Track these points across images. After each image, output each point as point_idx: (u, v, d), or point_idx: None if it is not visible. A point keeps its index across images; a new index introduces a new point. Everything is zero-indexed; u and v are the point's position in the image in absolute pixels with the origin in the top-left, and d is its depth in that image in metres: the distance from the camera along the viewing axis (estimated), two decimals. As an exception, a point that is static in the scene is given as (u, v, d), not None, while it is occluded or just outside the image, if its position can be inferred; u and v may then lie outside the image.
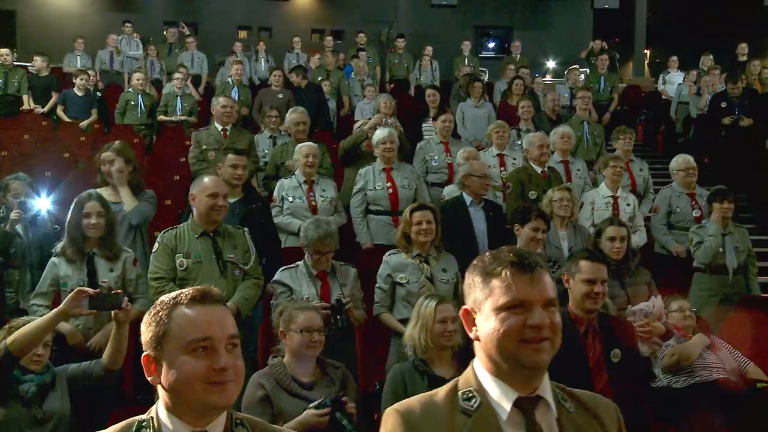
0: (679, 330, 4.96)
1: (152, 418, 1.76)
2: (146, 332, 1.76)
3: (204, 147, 7.20)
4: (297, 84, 10.68)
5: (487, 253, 1.76)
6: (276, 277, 4.83)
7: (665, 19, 19.30)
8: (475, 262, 1.77)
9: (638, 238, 6.50)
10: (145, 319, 1.78)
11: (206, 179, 4.76)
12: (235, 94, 10.62)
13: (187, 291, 1.76)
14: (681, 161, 7.14)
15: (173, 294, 1.78)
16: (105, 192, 5.40)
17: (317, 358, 3.86)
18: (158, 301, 1.78)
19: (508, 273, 1.67)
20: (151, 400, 4.38)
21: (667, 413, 4.42)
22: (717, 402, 4.49)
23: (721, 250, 6.11)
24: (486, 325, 1.68)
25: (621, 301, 5.03)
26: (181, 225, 4.81)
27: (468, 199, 6.03)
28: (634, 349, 3.85)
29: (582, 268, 3.72)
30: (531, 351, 1.64)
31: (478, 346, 1.73)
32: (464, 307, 1.76)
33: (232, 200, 5.49)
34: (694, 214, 6.85)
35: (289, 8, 20.03)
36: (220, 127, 7.40)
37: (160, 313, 1.75)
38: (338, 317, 3.89)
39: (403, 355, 4.15)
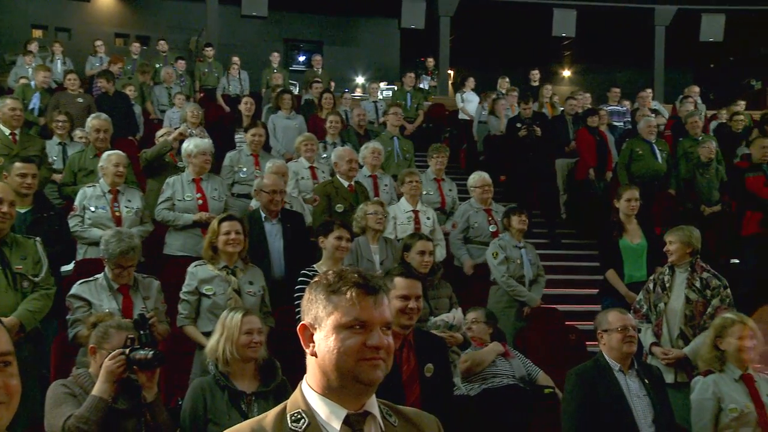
0: (475, 340, 5.24)
1: None
2: None
3: (-10, 152, 6.68)
4: (105, 90, 10.20)
5: (331, 272, 1.78)
6: (72, 290, 4.57)
7: (468, 42, 20.27)
8: (317, 278, 1.79)
9: (439, 253, 6.63)
10: None
11: None
12: (36, 99, 9.92)
13: None
14: (477, 179, 7.45)
15: None
16: None
17: None
18: None
19: (353, 293, 1.70)
20: None
21: (464, 420, 4.62)
22: (507, 407, 4.77)
23: (519, 262, 6.46)
24: (325, 342, 1.70)
25: (424, 312, 5.19)
26: None
27: (263, 213, 5.96)
28: (446, 364, 3.99)
29: (397, 284, 3.76)
30: (369, 367, 1.68)
31: (312, 363, 1.75)
32: (302, 322, 1.77)
33: (21, 210, 5.22)
34: (490, 229, 7.15)
35: (90, 9, 19.20)
36: (7, 131, 6.89)
37: None
38: (141, 332, 3.75)
39: (206, 369, 4.08)
